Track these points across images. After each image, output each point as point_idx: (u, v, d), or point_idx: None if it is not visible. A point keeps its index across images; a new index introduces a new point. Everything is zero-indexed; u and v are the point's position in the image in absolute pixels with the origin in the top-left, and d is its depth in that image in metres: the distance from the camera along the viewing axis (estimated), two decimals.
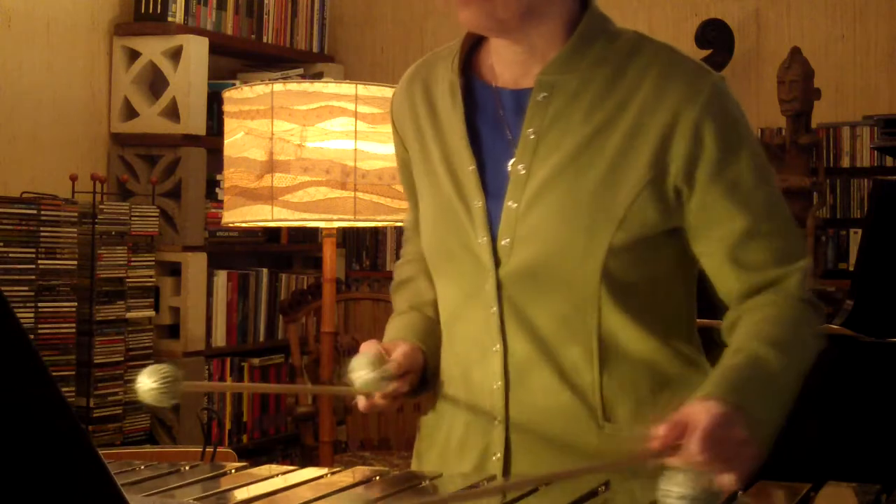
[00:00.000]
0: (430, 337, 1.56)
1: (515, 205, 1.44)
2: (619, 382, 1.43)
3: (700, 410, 1.22)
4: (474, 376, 1.49)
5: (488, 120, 1.50)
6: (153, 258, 4.00)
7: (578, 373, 1.43)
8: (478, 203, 1.46)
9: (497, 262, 1.44)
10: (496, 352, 1.46)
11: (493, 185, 1.47)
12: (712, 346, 1.51)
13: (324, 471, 1.44)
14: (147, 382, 1.29)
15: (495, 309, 1.45)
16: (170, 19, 4.20)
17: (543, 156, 1.44)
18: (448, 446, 1.54)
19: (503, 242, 1.44)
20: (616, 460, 1.33)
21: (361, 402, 1.48)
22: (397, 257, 1.74)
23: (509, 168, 1.46)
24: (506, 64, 1.50)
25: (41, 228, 3.57)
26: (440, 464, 1.53)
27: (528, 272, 1.43)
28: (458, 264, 1.49)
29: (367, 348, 1.47)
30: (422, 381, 1.53)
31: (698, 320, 1.52)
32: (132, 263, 3.90)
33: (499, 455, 1.46)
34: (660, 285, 1.47)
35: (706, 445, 1.19)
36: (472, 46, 1.55)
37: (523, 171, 1.44)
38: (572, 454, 1.42)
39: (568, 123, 1.44)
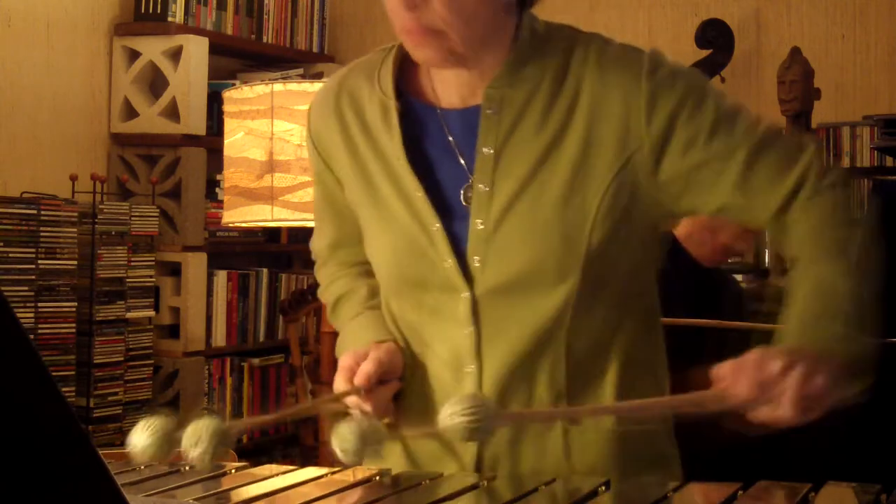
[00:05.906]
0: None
1: (483, 223, 1.41)
2: (587, 387, 1.44)
3: (789, 372, 1.27)
4: (444, 400, 1.41)
5: (435, 142, 1.45)
6: (153, 258, 4.00)
7: (552, 383, 1.42)
8: (435, 226, 1.42)
9: (470, 283, 1.41)
10: (469, 372, 1.43)
11: (450, 207, 1.43)
12: (706, 345, 1.51)
13: (324, 471, 1.44)
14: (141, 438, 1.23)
15: (470, 329, 1.42)
16: (170, 19, 4.20)
17: (505, 171, 1.41)
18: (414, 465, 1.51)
19: (475, 262, 1.41)
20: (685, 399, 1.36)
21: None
22: None
23: (468, 187, 1.43)
24: (449, 85, 1.46)
25: (41, 228, 3.57)
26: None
27: (504, 289, 1.40)
28: (424, 288, 1.44)
29: (343, 374, 1.44)
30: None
31: (692, 320, 1.52)
32: (132, 263, 3.89)
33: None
34: (628, 277, 1.46)
35: (798, 409, 1.27)
36: (400, 64, 1.48)
37: (486, 189, 1.41)
38: (542, 462, 1.43)
39: (524, 135, 1.41)
